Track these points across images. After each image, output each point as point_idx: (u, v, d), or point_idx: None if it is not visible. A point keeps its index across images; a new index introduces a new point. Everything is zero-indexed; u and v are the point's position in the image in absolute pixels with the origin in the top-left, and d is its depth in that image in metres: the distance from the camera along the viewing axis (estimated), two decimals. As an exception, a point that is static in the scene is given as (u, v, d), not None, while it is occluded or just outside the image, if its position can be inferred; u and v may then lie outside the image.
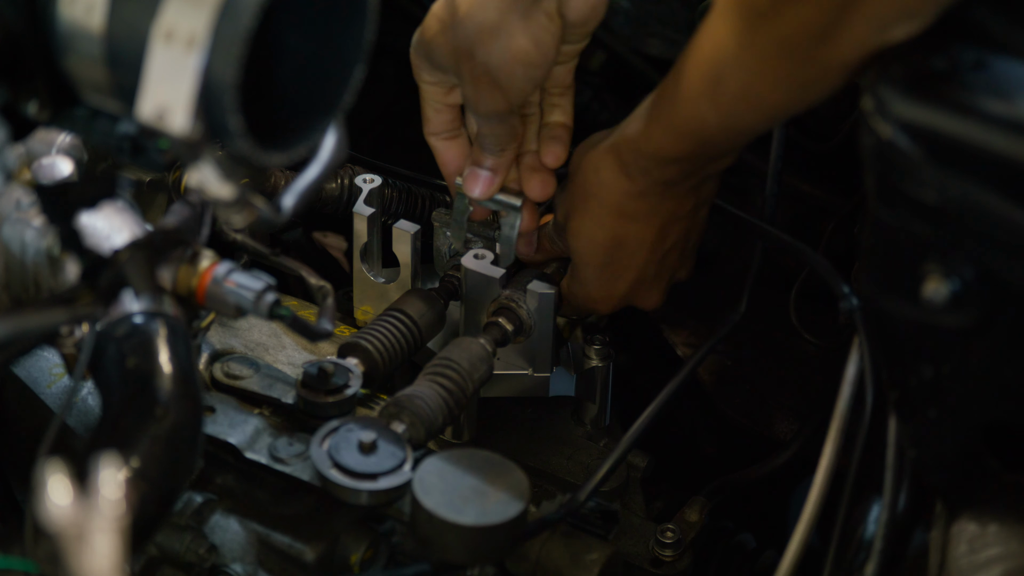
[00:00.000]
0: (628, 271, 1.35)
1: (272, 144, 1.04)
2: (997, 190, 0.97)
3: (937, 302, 1.00)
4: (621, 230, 1.31)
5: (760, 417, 1.62)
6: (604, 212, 1.31)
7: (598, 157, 1.30)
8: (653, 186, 1.27)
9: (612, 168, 1.28)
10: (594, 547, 1.24)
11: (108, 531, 0.82)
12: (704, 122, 1.18)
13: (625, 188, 1.28)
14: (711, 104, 1.17)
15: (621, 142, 1.27)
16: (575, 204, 1.33)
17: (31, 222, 1.15)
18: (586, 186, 1.31)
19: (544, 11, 1.26)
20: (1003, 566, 1.06)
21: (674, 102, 1.20)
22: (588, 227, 1.33)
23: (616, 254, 1.33)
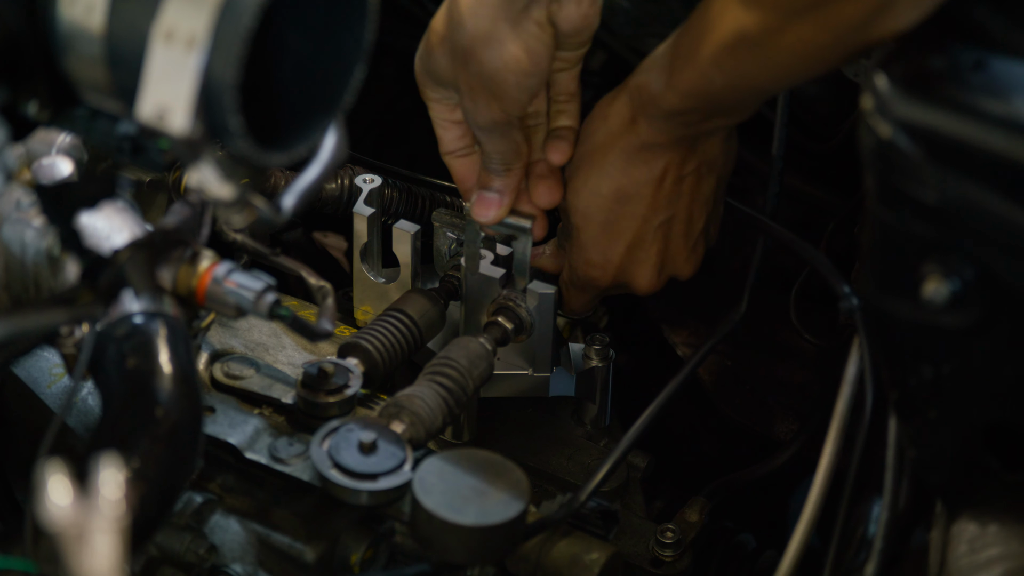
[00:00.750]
0: (627, 231, 1.35)
1: (272, 144, 1.04)
2: (997, 190, 0.97)
3: (937, 302, 1.00)
4: (625, 179, 1.33)
5: (760, 417, 1.62)
6: (608, 162, 1.33)
7: (607, 104, 1.32)
8: (659, 135, 1.30)
9: (620, 116, 1.31)
10: (594, 547, 1.24)
11: (108, 531, 0.82)
12: (711, 85, 1.22)
13: (632, 136, 1.30)
14: (720, 71, 1.20)
15: (628, 91, 1.30)
16: (580, 159, 1.35)
17: (31, 222, 1.15)
18: (594, 135, 1.33)
19: (534, 20, 1.27)
20: (1003, 566, 1.06)
21: (682, 65, 1.23)
22: (592, 181, 1.34)
23: (618, 207, 1.34)
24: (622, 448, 1.32)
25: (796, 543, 1.18)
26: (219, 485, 1.24)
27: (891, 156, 1.01)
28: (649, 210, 1.34)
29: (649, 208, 1.34)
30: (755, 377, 1.65)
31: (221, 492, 1.24)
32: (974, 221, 0.98)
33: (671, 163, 1.32)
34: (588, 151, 1.35)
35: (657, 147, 1.31)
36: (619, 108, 1.32)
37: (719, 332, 1.41)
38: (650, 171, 1.32)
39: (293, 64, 1.07)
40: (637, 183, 1.33)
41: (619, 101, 1.32)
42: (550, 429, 1.46)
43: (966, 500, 1.11)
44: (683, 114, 1.27)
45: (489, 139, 1.35)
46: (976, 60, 1.02)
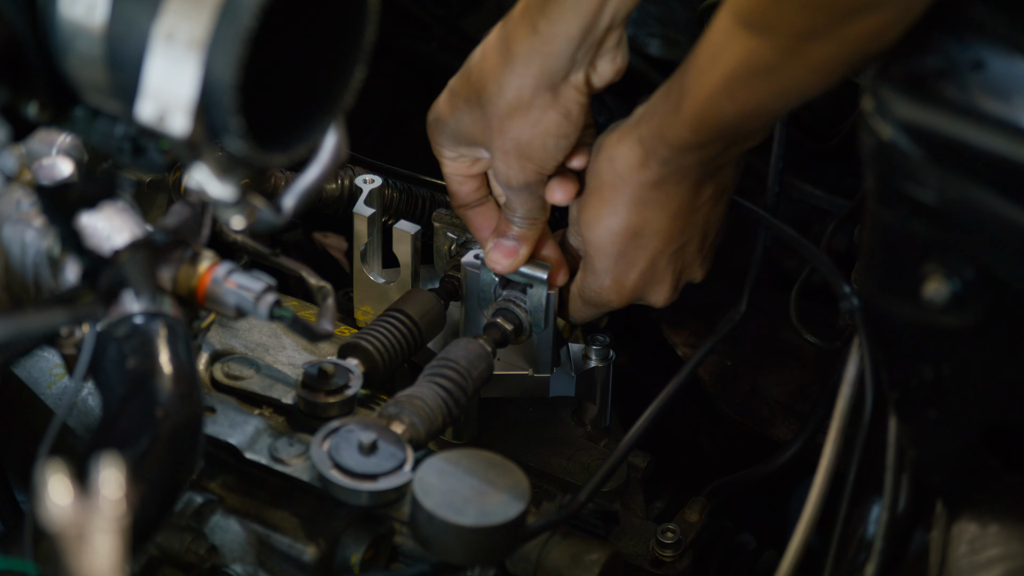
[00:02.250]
0: (642, 260, 1.34)
1: (272, 144, 1.04)
2: (997, 190, 0.97)
3: (937, 302, 1.00)
4: (637, 218, 1.31)
5: (760, 417, 1.62)
6: (620, 201, 1.31)
7: (613, 146, 1.30)
8: (671, 175, 1.28)
9: (629, 157, 1.29)
10: (594, 547, 1.24)
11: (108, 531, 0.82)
12: (723, 115, 1.20)
13: (643, 177, 1.29)
14: (732, 102, 1.18)
15: (638, 132, 1.28)
16: (590, 193, 1.33)
17: (31, 223, 1.15)
18: (601, 175, 1.31)
19: (573, 85, 1.29)
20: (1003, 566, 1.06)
21: (691, 98, 1.20)
22: (604, 216, 1.32)
23: (632, 243, 1.33)
24: (622, 449, 1.32)
25: (796, 543, 1.18)
26: (219, 485, 1.24)
27: (891, 156, 1.01)
28: (664, 243, 1.33)
29: (664, 241, 1.33)
30: (755, 377, 1.65)
31: (221, 492, 1.24)
32: (974, 221, 0.98)
33: (686, 198, 1.31)
34: (597, 188, 1.32)
35: (671, 184, 1.29)
36: (625, 151, 1.29)
37: (718, 331, 1.41)
38: (664, 209, 1.31)
39: (293, 64, 1.07)
40: (651, 221, 1.31)
41: (625, 144, 1.29)
42: (550, 429, 1.46)
43: (966, 500, 1.11)
44: (698, 149, 1.25)
45: (518, 197, 1.35)
46: (975, 60, 1.02)
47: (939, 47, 1.03)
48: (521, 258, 1.37)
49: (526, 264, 1.37)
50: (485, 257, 1.38)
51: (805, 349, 1.63)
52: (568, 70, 1.28)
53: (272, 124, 1.04)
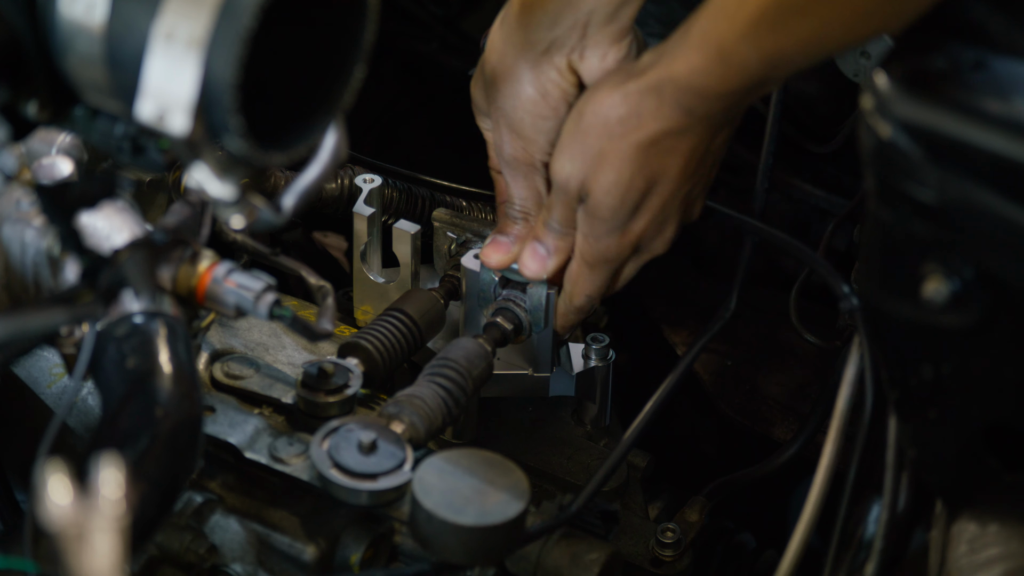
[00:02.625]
0: (653, 208, 1.31)
1: (272, 144, 1.04)
2: (997, 190, 0.97)
3: (937, 302, 1.00)
4: (656, 165, 1.27)
5: (760, 417, 1.62)
6: (636, 152, 1.26)
7: (613, 97, 1.25)
8: (695, 123, 1.25)
9: (641, 106, 1.24)
10: (594, 547, 1.24)
11: (108, 531, 0.82)
12: (746, 62, 1.17)
13: (659, 125, 1.24)
14: (756, 46, 1.15)
15: (648, 80, 1.24)
16: (604, 150, 1.27)
17: (31, 222, 1.15)
18: (601, 128, 1.26)
19: (555, 66, 1.28)
20: (1003, 566, 1.06)
21: (714, 43, 1.18)
22: (615, 171, 1.27)
23: (646, 191, 1.29)
24: (622, 449, 1.32)
25: (796, 543, 1.18)
26: (219, 485, 1.24)
27: (891, 156, 1.01)
28: (677, 187, 1.30)
29: (677, 185, 1.29)
30: (755, 377, 1.65)
31: (221, 492, 1.24)
32: (974, 221, 0.98)
33: (703, 141, 1.27)
34: (607, 144, 1.26)
35: (691, 132, 1.26)
36: (635, 100, 1.24)
37: (709, 329, 1.41)
38: (681, 155, 1.27)
39: (293, 64, 1.07)
40: (668, 167, 1.27)
41: (631, 93, 1.24)
42: (550, 429, 1.46)
43: (966, 500, 1.11)
44: (721, 98, 1.22)
45: (513, 178, 1.35)
46: (976, 60, 1.02)
47: (940, 47, 1.03)
48: (512, 256, 1.37)
49: None
50: (481, 252, 1.38)
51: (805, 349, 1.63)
52: (548, 46, 1.27)
53: (272, 124, 1.04)
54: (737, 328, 1.67)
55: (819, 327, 1.50)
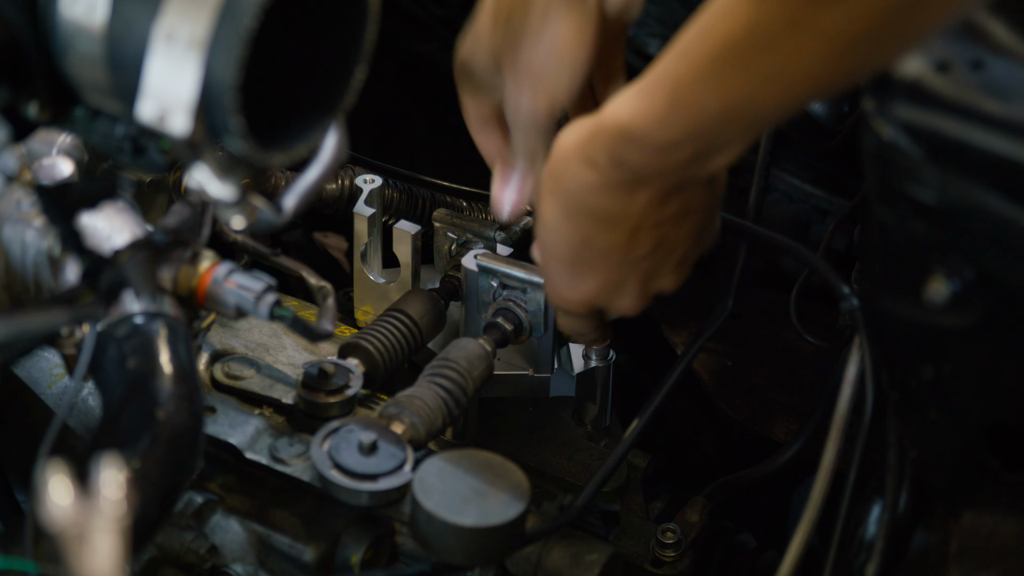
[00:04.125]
0: (596, 273, 1.20)
1: (272, 144, 1.04)
2: (997, 190, 0.97)
3: (938, 302, 1.00)
4: (588, 230, 1.16)
5: (760, 417, 1.62)
6: (569, 206, 1.15)
7: (563, 143, 1.14)
8: (624, 181, 1.11)
9: (577, 154, 1.12)
10: (594, 548, 1.24)
11: (109, 531, 0.82)
12: (703, 107, 1.03)
13: (590, 180, 1.12)
14: (715, 88, 1.02)
15: (592, 128, 1.11)
16: (544, 191, 1.17)
17: (32, 223, 1.15)
18: (552, 174, 1.16)
19: (585, 5, 1.22)
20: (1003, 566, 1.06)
21: (667, 85, 1.05)
22: (554, 220, 1.17)
23: (582, 254, 1.18)
24: (621, 449, 1.32)
25: (796, 543, 1.18)
26: (219, 485, 1.24)
27: (892, 157, 1.01)
28: (621, 254, 1.17)
29: (621, 253, 1.17)
30: (755, 377, 1.65)
31: (221, 492, 1.24)
32: (974, 222, 0.98)
33: (640, 211, 1.14)
34: (549, 188, 1.17)
35: (622, 192, 1.12)
36: (572, 146, 1.13)
37: (706, 329, 1.41)
38: (615, 222, 1.15)
39: (293, 64, 1.07)
40: (600, 232, 1.16)
41: (574, 137, 1.13)
42: (550, 429, 1.46)
43: (966, 500, 1.11)
44: (662, 152, 1.08)
45: (525, 136, 1.27)
46: (976, 60, 1.02)
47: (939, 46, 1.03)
48: (524, 198, 1.30)
49: (522, 268, 1.37)
50: (493, 203, 1.31)
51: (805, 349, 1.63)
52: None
53: (272, 124, 1.04)
54: (737, 328, 1.67)
55: (819, 327, 1.50)
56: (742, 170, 1.80)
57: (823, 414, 1.40)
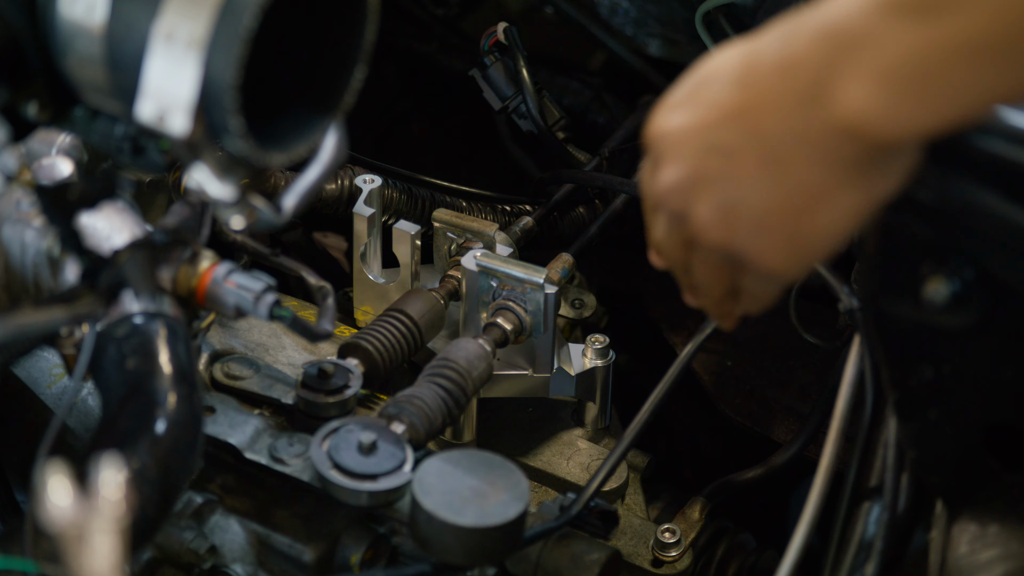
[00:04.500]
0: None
1: (272, 144, 1.04)
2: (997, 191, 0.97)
3: (937, 302, 1.00)
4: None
5: (760, 417, 1.62)
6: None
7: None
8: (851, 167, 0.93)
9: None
10: (594, 548, 1.24)
11: (108, 532, 0.82)
12: (955, 86, 0.87)
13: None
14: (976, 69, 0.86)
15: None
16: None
17: (31, 223, 1.15)
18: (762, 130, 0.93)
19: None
20: (1004, 566, 1.06)
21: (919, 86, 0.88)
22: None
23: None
24: (621, 449, 1.32)
25: (796, 543, 1.18)
26: (219, 485, 1.24)
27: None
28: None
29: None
30: (755, 377, 1.65)
31: (221, 492, 1.24)
32: (974, 221, 0.98)
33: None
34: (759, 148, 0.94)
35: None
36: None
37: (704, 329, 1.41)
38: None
39: (293, 64, 1.07)
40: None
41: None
42: (550, 429, 1.46)
43: (966, 500, 1.11)
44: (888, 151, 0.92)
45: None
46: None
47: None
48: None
49: (522, 268, 1.37)
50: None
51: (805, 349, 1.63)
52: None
53: (272, 124, 1.04)
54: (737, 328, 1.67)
55: (819, 327, 1.50)
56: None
57: (823, 414, 1.40)
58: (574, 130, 1.64)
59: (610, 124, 1.78)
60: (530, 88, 1.58)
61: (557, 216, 1.60)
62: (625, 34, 1.81)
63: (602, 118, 1.83)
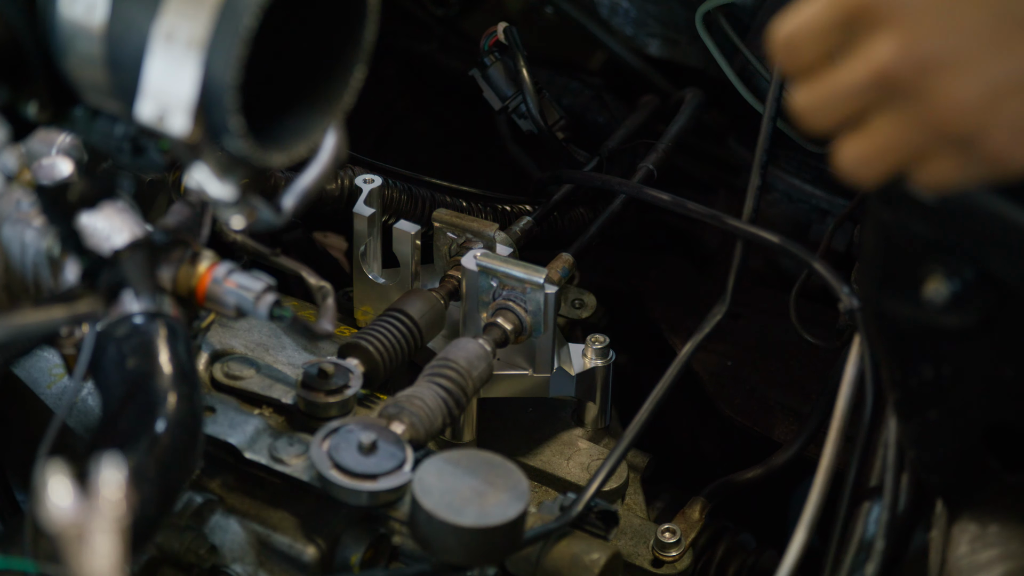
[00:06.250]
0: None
1: (272, 144, 1.04)
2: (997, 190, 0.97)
3: (938, 302, 1.00)
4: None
5: (760, 417, 1.62)
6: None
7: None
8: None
9: None
10: (594, 548, 1.24)
11: (108, 531, 0.82)
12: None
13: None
14: None
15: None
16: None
17: (31, 223, 1.15)
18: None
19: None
20: (1004, 566, 1.06)
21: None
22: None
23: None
24: (620, 449, 1.32)
25: (796, 543, 1.18)
26: (219, 485, 1.24)
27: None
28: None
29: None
30: (755, 377, 1.65)
31: (221, 492, 1.24)
32: (974, 221, 0.98)
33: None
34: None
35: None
36: None
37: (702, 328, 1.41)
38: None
39: (293, 64, 1.07)
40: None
41: None
42: (550, 429, 1.46)
43: (966, 500, 1.11)
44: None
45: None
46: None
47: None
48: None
49: (522, 268, 1.37)
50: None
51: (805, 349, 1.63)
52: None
53: (272, 124, 1.04)
54: (737, 328, 1.67)
55: (819, 327, 1.50)
56: (742, 170, 1.80)
57: (823, 414, 1.40)
58: (574, 130, 1.64)
59: (610, 124, 1.78)
60: (530, 88, 1.58)
61: (557, 216, 1.60)
62: (625, 34, 1.81)
63: (602, 118, 1.83)
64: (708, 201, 1.65)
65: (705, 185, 1.85)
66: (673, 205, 1.50)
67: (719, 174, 1.85)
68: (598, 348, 1.43)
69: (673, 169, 1.63)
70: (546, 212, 1.58)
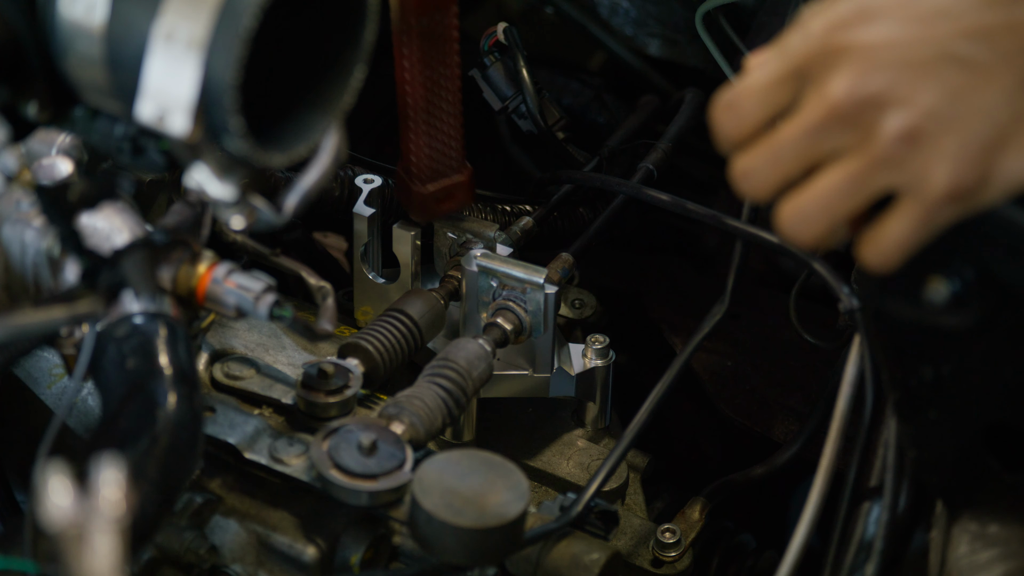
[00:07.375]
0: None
1: (272, 144, 1.04)
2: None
3: (938, 303, 1.00)
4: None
5: (760, 418, 1.62)
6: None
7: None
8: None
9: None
10: (594, 548, 1.24)
11: (108, 531, 0.82)
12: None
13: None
14: None
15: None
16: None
17: (31, 223, 1.15)
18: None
19: None
20: (1004, 566, 1.06)
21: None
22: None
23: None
24: (620, 449, 1.32)
25: (796, 543, 1.18)
26: (219, 485, 1.24)
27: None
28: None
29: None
30: (755, 377, 1.65)
31: (221, 492, 1.24)
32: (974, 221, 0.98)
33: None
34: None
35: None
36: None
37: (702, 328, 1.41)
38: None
39: (293, 64, 1.07)
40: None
41: None
42: (550, 429, 1.46)
43: (966, 500, 1.11)
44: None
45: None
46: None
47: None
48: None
49: (522, 268, 1.37)
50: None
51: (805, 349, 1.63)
52: None
53: (272, 124, 1.04)
54: (737, 328, 1.67)
55: (819, 327, 1.50)
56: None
57: (823, 414, 1.40)
58: (574, 130, 1.63)
59: (610, 124, 1.78)
60: (530, 88, 1.58)
61: (557, 216, 1.59)
62: (625, 34, 1.81)
63: (602, 118, 1.82)
64: (708, 201, 1.65)
65: (705, 185, 1.85)
66: (673, 205, 1.50)
67: (719, 174, 1.85)
68: (598, 348, 1.43)
69: (673, 169, 1.63)
70: (546, 212, 1.57)
